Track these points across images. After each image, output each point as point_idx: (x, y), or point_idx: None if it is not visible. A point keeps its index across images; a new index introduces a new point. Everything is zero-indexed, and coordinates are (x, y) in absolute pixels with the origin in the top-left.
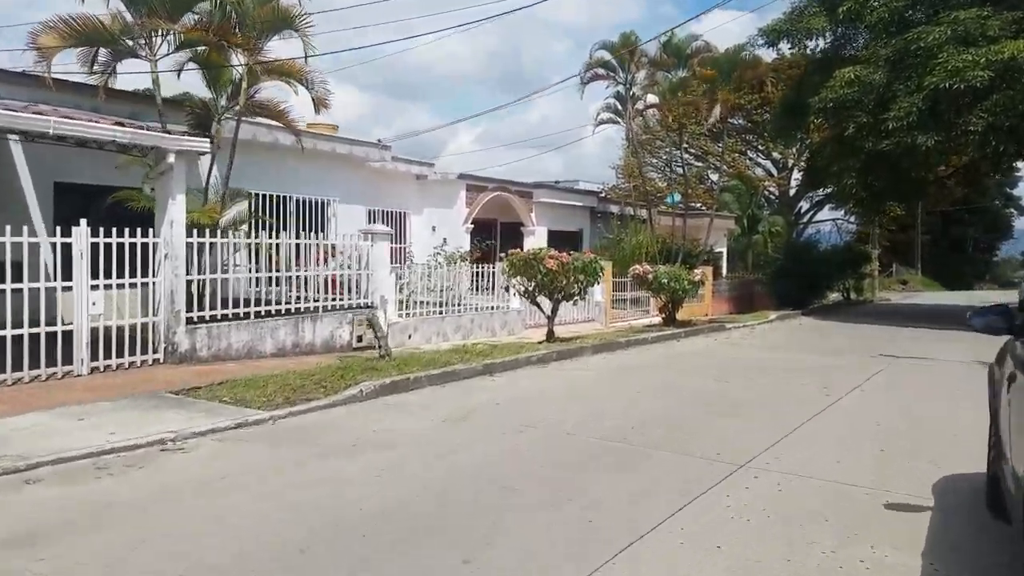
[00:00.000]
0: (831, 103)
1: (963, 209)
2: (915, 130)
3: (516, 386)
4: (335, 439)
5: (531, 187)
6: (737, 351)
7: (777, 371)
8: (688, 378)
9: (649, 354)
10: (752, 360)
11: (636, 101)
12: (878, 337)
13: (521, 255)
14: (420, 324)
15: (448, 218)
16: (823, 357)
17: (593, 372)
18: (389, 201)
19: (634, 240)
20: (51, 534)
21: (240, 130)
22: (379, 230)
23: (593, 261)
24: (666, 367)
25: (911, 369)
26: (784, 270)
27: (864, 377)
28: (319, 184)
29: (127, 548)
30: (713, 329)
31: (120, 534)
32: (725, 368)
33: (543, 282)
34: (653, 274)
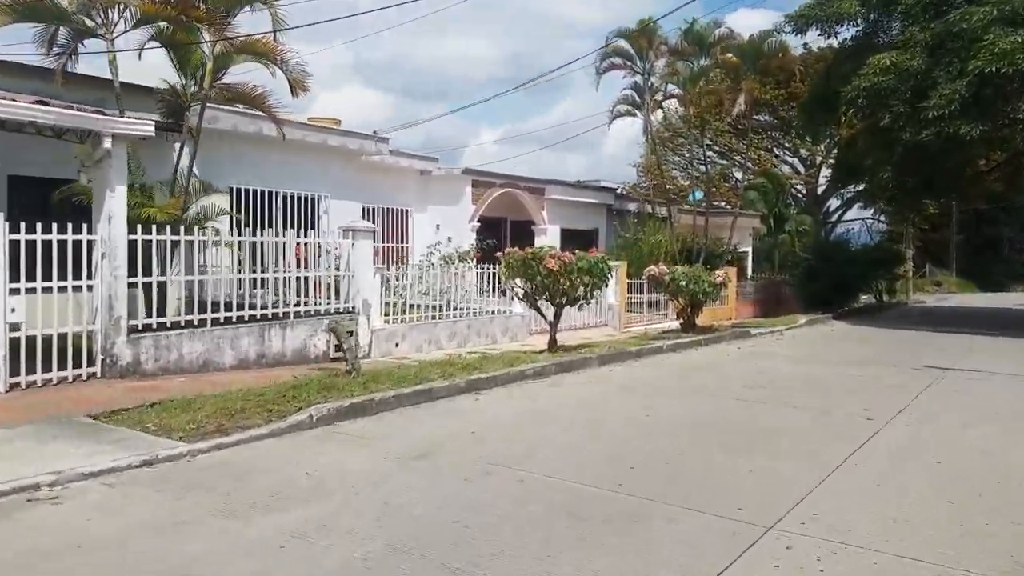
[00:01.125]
0: (864, 92)
1: (998, 207)
2: (958, 119)
3: (501, 408)
4: (256, 485)
5: (542, 183)
6: (762, 362)
7: (808, 388)
8: (704, 398)
9: (662, 366)
10: (779, 374)
11: (655, 92)
12: (919, 344)
13: (519, 255)
14: (409, 331)
15: (453, 216)
16: (861, 369)
17: (595, 389)
18: (389, 198)
19: (653, 239)
20: None
21: (220, 120)
22: (361, 227)
23: (600, 261)
24: (680, 383)
25: (964, 385)
26: (813, 271)
27: (910, 396)
28: (309, 179)
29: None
30: (736, 335)
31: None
32: (748, 385)
33: (543, 284)
34: (670, 275)
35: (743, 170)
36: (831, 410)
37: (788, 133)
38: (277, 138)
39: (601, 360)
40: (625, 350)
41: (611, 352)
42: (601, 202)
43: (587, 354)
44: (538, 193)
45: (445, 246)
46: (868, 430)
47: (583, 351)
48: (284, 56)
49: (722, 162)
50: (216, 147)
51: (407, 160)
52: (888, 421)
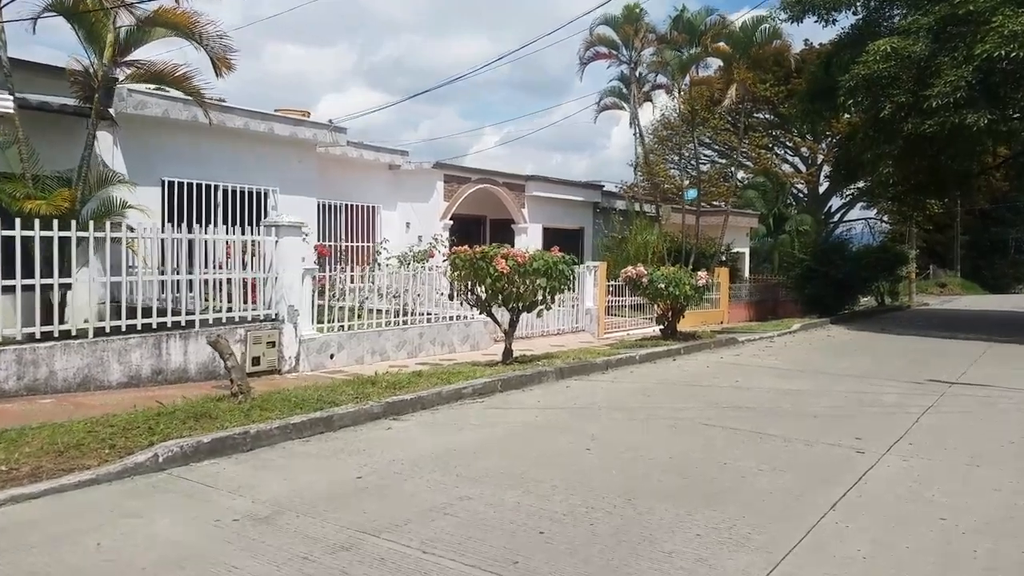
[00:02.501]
0: (864, 81)
1: (1004, 207)
2: (963, 108)
3: (414, 442)
4: (12, 568)
5: (523, 179)
6: (745, 377)
7: (792, 410)
8: (666, 426)
9: (629, 381)
10: (761, 391)
11: (643, 84)
12: (921, 352)
13: (466, 254)
14: (347, 341)
15: (424, 213)
16: (855, 384)
17: (540, 414)
18: (353, 193)
19: (640, 239)
20: None
21: (148, 105)
22: (286, 221)
23: (559, 261)
24: (642, 405)
25: (972, 404)
26: (811, 273)
27: (910, 420)
28: (255, 171)
29: None
30: (722, 343)
31: None
32: (722, 406)
33: (496, 288)
34: (648, 277)
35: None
36: (815, 440)
37: (789, 131)
38: (217, 127)
39: (560, 374)
40: (590, 362)
41: (574, 364)
42: (587, 200)
43: (545, 366)
44: (518, 189)
45: (417, 245)
46: (856, 470)
47: (541, 363)
48: (203, 30)
49: (721, 161)
50: (146, 136)
51: (372, 153)
52: (881, 456)
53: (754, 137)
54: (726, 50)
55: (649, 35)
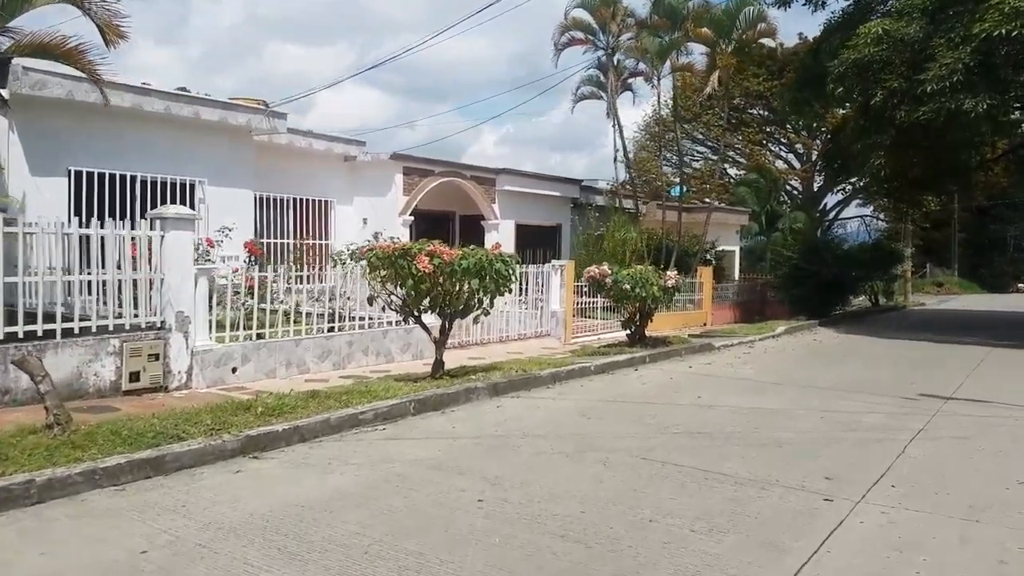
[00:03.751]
0: (853, 66)
1: (1003, 204)
2: (960, 92)
3: (253, 492)
4: None
5: (493, 172)
6: (711, 391)
7: (755, 437)
8: (596, 460)
9: (575, 399)
10: (724, 412)
11: (622, 72)
12: (914, 359)
13: (384, 250)
14: (255, 351)
15: (382, 208)
16: (836, 400)
17: (446, 447)
18: (304, 186)
19: (618, 235)
20: None
21: (48, 85)
22: (172, 214)
23: (496, 259)
24: (578, 431)
25: (970, 427)
26: (799, 272)
27: (895, 449)
28: (178, 161)
29: None
30: (695, 349)
31: None
32: (671, 435)
33: (421, 290)
34: (612, 277)
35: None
36: (775, 481)
37: (783, 127)
38: (134, 111)
39: (493, 390)
40: (535, 375)
41: (515, 377)
42: (564, 195)
43: (478, 382)
44: (488, 183)
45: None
46: (819, 528)
47: (477, 377)
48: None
49: (713, 158)
50: (49, 120)
51: (324, 143)
52: (855, 504)
53: (748, 133)
54: (708, 35)
55: (628, 19)
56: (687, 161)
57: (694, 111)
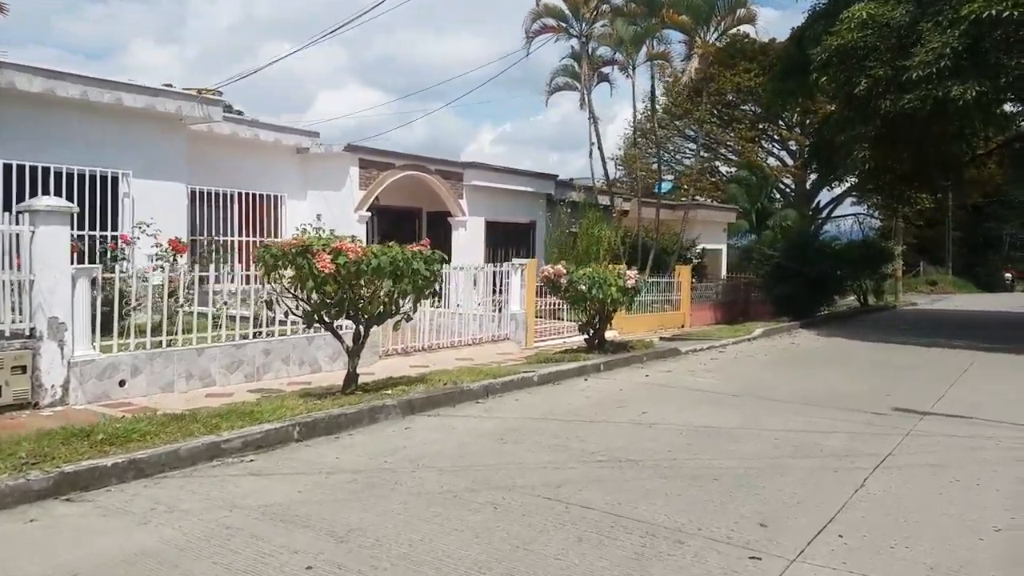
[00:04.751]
0: (837, 53)
1: (998, 202)
2: (947, 79)
3: (33, 552)
4: None
5: (460, 166)
6: (660, 405)
7: (690, 468)
8: (482, 508)
9: (501, 417)
10: (667, 432)
11: (596, 61)
12: (896, 367)
13: (279, 248)
14: (148, 363)
15: (337, 204)
16: (798, 416)
17: (311, 486)
18: (251, 180)
19: (593, 233)
20: None
21: None
22: (43, 206)
23: (415, 258)
24: (481, 464)
25: (948, 452)
26: (782, 271)
27: (855, 482)
28: (99, 152)
29: None
30: (658, 355)
31: None
32: (592, 464)
33: (326, 293)
34: (568, 277)
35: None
36: (696, 529)
37: (776, 123)
38: (46, 96)
39: (410, 408)
40: (465, 388)
41: (438, 392)
42: (538, 191)
43: (392, 398)
44: (454, 178)
45: None
46: None
47: (394, 391)
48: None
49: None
50: None
51: (271, 133)
52: (789, 564)
53: (740, 130)
54: (686, 22)
55: (603, 6)
56: (679, 159)
57: (684, 107)
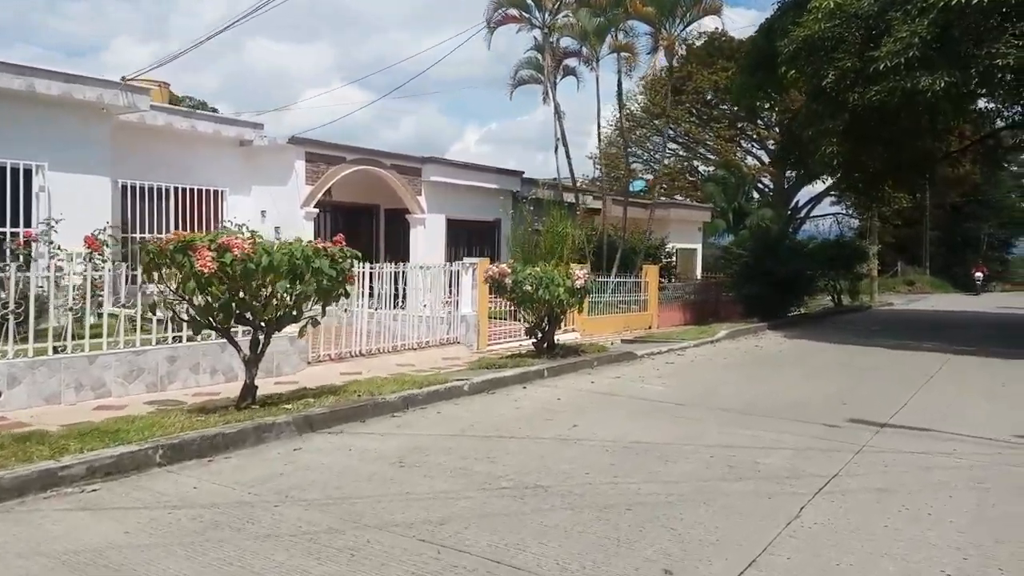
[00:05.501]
0: (804, 44)
1: (976, 201)
2: (916, 70)
3: None
4: None
5: (418, 161)
6: (593, 418)
7: (605, 494)
8: (346, 552)
9: (408, 435)
10: (593, 449)
11: (560, 55)
12: (861, 370)
13: (157, 244)
14: (29, 372)
15: (283, 199)
16: (743, 428)
17: (147, 526)
18: (187, 174)
19: (558, 231)
20: None
21: None
22: None
23: (320, 254)
24: (368, 494)
25: (901, 472)
26: (750, 270)
27: (790, 509)
28: (10, 142)
29: None
30: (610, 359)
31: None
32: (494, 491)
33: (213, 295)
34: (513, 277)
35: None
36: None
37: (754, 122)
38: None
39: (307, 425)
40: (382, 400)
41: (347, 406)
42: (503, 188)
43: (288, 414)
44: (412, 173)
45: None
46: None
47: (295, 406)
48: None
49: (683, 154)
50: None
51: (211, 125)
52: None
53: (718, 129)
54: (650, 13)
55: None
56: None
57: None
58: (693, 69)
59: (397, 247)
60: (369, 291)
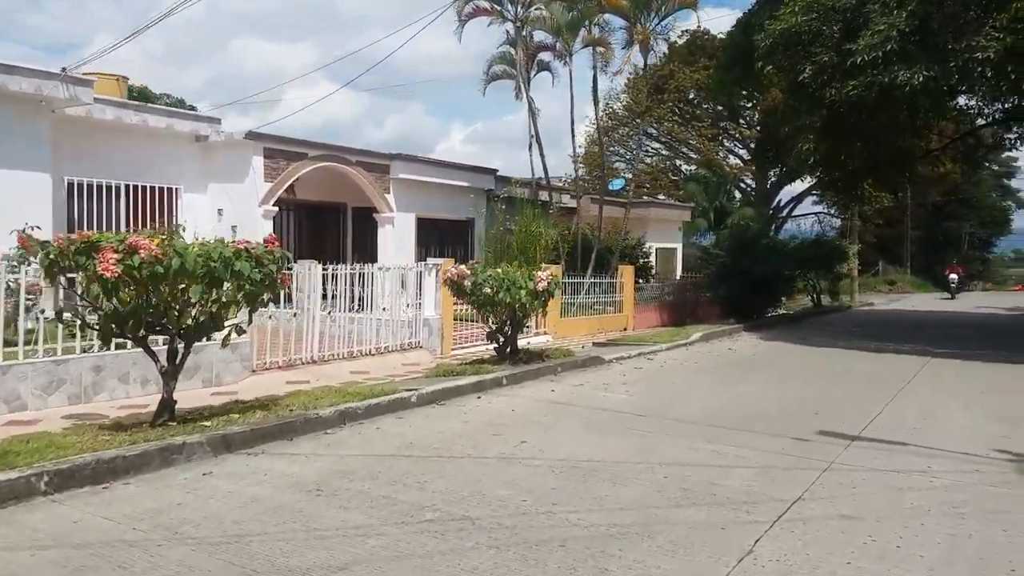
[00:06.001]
0: (781, 38)
1: (957, 201)
2: (894, 64)
3: None
4: None
5: (386, 158)
6: (545, 433)
7: (536, 531)
8: None
9: (337, 455)
10: (535, 472)
11: (533, 48)
12: (837, 376)
13: (58, 245)
14: None
15: (240, 197)
16: (702, 446)
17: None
18: (139, 171)
19: (532, 230)
20: None
21: None
22: None
23: (240, 255)
24: (265, 531)
25: (869, 495)
26: (726, 270)
27: (743, 540)
28: None
29: None
30: (575, 365)
31: None
32: (420, 523)
33: (121, 300)
34: (471, 279)
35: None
36: None
37: (736, 121)
38: None
39: (224, 445)
40: (315, 415)
41: (274, 423)
42: (476, 186)
43: (209, 432)
44: (379, 171)
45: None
46: None
47: (216, 423)
48: None
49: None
50: None
51: (163, 119)
52: None
53: (700, 128)
54: (624, 5)
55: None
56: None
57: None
58: (675, 68)
59: (365, 247)
60: (324, 294)
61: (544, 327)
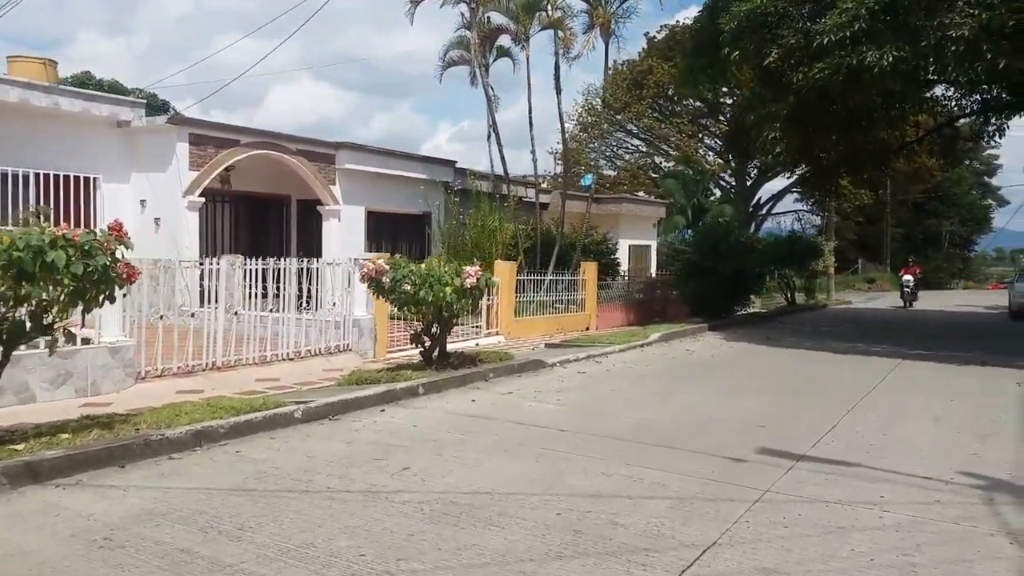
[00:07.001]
0: (747, 21)
1: (937, 198)
2: (863, 44)
3: None
4: None
5: (331, 147)
6: (440, 457)
7: None
8: None
9: (159, 492)
10: (404, 512)
11: (487, 31)
12: (796, 381)
13: None
14: None
15: (163, 188)
16: (620, 470)
17: None
18: (53, 159)
19: (488, 224)
20: None
21: None
22: None
23: (60, 243)
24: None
25: (806, 536)
26: (694, 267)
27: None
28: None
29: None
30: (512, 369)
31: None
32: (258, 564)
33: None
34: (390, 275)
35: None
36: None
37: (716, 117)
38: None
39: (30, 474)
40: (156, 438)
41: (106, 445)
42: (433, 178)
43: (18, 457)
44: (324, 160)
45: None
46: None
47: (46, 442)
48: None
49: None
50: None
51: (79, 102)
52: None
53: (679, 124)
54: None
55: None
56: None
57: (624, 100)
58: (654, 63)
59: (311, 242)
60: (265, 292)
61: (497, 327)
